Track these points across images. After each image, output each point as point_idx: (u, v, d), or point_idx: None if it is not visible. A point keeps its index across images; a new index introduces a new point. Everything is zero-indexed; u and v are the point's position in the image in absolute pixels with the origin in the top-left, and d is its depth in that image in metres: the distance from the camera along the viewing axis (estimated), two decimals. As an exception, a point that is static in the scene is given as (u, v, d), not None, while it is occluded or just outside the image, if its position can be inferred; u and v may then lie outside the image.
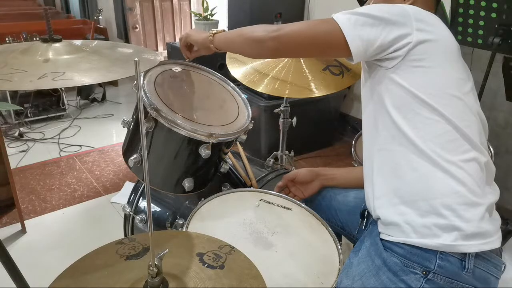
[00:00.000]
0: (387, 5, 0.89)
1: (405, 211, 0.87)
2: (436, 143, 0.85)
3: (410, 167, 0.87)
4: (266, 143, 2.73)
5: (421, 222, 0.85)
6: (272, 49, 0.96)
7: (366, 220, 1.11)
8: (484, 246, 0.83)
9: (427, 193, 0.85)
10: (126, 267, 0.74)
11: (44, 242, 1.99)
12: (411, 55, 0.86)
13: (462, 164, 0.85)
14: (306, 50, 0.97)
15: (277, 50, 0.97)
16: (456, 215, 0.83)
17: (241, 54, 1.08)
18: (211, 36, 1.11)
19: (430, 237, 0.83)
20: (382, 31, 0.86)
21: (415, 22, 0.86)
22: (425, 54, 0.86)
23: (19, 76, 0.82)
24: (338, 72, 1.54)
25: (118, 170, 2.68)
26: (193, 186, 1.18)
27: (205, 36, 1.12)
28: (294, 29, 0.94)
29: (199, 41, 1.16)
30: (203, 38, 1.14)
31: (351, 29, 0.87)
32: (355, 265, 0.92)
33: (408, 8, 0.88)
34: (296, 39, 0.94)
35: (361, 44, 0.87)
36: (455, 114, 0.86)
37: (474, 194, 0.84)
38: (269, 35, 0.94)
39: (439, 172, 0.85)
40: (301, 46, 0.95)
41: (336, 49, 0.92)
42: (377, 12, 0.87)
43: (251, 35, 0.98)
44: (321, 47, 0.94)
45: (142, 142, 0.62)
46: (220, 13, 3.39)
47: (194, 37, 1.18)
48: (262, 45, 0.96)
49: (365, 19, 0.87)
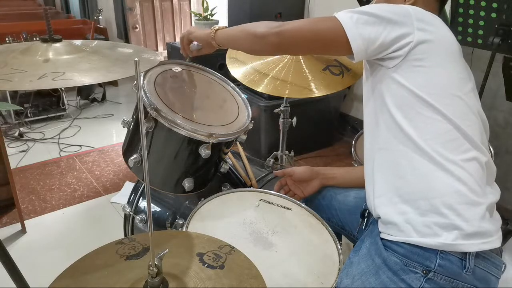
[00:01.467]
0: (389, 5, 0.89)
1: (405, 210, 0.87)
2: (437, 142, 0.86)
3: (411, 166, 0.87)
4: (266, 143, 2.74)
5: (421, 221, 0.85)
6: (274, 45, 0.96)
7: (366, 220, 1.11)
8: (485, 246, 0.83)
9: (427, 192, 0.85)
10: (126, 267, 0.74)
11: (44, 242, 1.99)
12: (412, 55, 0.86)
13: (463, 164, 0.85)
14: (308, 46, 0.98)
15: (278, 46, 0.97)
16: (457, 214, 0.83)
17: (243, 50, 1.09)
18: (213, 32, 1.12)
19: (430, 236, 0.83)
20: (383, 30, 0.86)
21: (416, 22, 0.86)
22: (426, 54, 0.86)
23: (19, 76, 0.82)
24: (338, 72, 1.54)
25: (118, 170, 2.68)
26: (193, 186, 1.18)
27: (207, 33, 1.13)
28: (296, 25, 0.94)
29: (202, 38, 1.16)
30: (205, 35, 1.14)
31: (352, 27, 0.87)
32: (355, 264, 0.92)
33: (409, 8, 0.88)
34: (298, 35, 0.94)
35: (362, 43, 0.87)
36: (456, 113, 0.86)
37: (474, 194, 0.84)
38: (271, 30, 0.95)
39: (440, 171, 0.85)
40: (302, 42, 0.95)
41: (337, 47, 0.93)
42: (378, 11, 0.87)
43: (253, 31, 0.99)
44: (323, 44, 0.94)
45: (142, 142, 0.62)
46: (220, 13, 3.39)
47: (196, 34, 1.19)
48: (264, 41, 0.96)
49: (367, 18, 0.87)
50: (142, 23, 4.38)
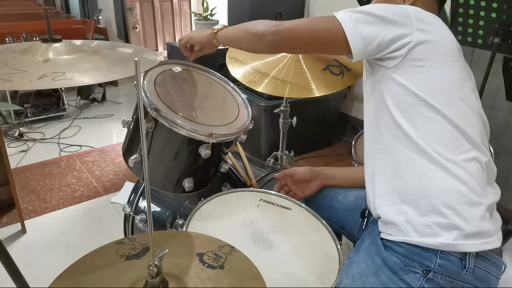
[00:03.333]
0: (388, 5, 0.90)
1: (405, 210, 0.87)
2: (437, 142, 0.86)
3: (411, 166, 0.87)
4: (266, 143, 2.73)
5: (421, 221, 0.85)
6: (273, 43, 0.96)
7: (366, 219, 1.11)
8: (485, 246, 0.83)
9: (427, 192, 0.85)
10: (126, 267, 0.74)
11: (44, 242, 1.98)
12: (411, 55, 0.86)
13: (463, 163, 0.85)
14: (306, 45, 0.98)
15: (277, 44, 0.97)
16: (457, 213, 0.83)
17: (243, 49, 1.09)
18: (214, 32, 1.12)
19: (430, 236, 0.83)
20: (382, 30, 0.86)
21: (415, 22, 0.86)
22: (425, 54, 0.86)
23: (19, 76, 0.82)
24: (338, 72, 1.54)
25: (118, 170, 2.68)
26: (193, 186, 1.18)
27: (208, 33, 1.14)
28: (294, 24, 0.94)
29: (203, 40, 1.17)
30: (205, 36, 1.15)
31: (351, 26, 0.87)
32: (355, 264, 0.92)
33: (409, 8, 0.88)
34: (297, 34, 0.94)
35: (361, 42, 0.87)
36: (456, 114, 0.86)
37: (475, 193, 0.84)
38: (270, 29, 0.95)
39: (440, 171, 0.85)
40: (301, 41, 0.95)
41: (336, 46, 0.93)
42: (378, 11, 0.87)
43: (253, 30, 0.99)
44: (321, 43, 0.95)
45: (142, 142, 0.62)
46: (220, 13, 3.38)
47: (196, 38, 1.19)
48: (263, 39, 0.97)
49: (366, 17, 0.87)
50: (142, 23, 4.38)
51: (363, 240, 0.98)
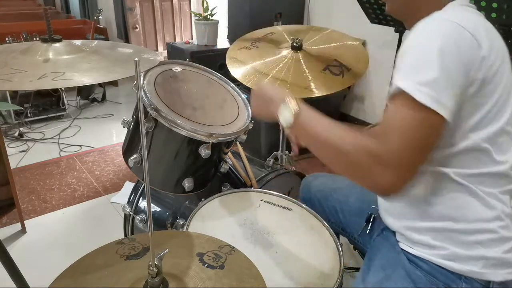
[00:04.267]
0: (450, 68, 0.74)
1: (435, 237, 0.86)
2: (478, 181, 0.82)
3: (441, 190, 0.84)
4: (266, 143, 2.73)
5: (450, 250, 0.84)
6: (390, 185, 0.73)
7: (371, 224, 1.10)
8: (509, 276, 0.83)
9: (459, 220, 0.83)
10: (126, 267, 0.74)
11: (44, 242, 1.98)
12: (477, 93, 0.78)
13: (500, 196, 0.83)
14: (423, 153, 0.77)
15: (395, 186, 0.74)
16: (486, 247, 0.82)
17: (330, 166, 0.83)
18: (297, 108, 0.91)
19: (457, 262, 0.83)
20: (457, 92, 0.75)
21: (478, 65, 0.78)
22: (490, 91, 0.79)
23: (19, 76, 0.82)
24: (338, 72, 1.54)
25: (118, 170, 2.68)
26: (193, 186, 1.18)
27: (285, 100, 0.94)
28: (403, 142, 0.72)
29: (276, 100, 0.96)
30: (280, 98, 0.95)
31: (445, 107, 0.73)
32: (372, 271, 0.93)
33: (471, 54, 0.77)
34: (412, 152, 0.73)
35: (454, 111, 0.75)
36: (501, 152, 0.82)
37: (506, 229, 0.83)
38: (373, 159, 0.72)
39: (476, 201, 0.82)
40: (419, 158, 0.76)
41: (441, 131, 0.77)
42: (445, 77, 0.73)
43: (345, 156, 0.76)
44: (432, 143, 0.77)
45: (142, 142, 0.62)
46: (220, 13, 3.38)
47: (271, 93, 0.98)
48: (371, 178, 0.74)
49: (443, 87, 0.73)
50: (142, 23, 4.38)
51: (378, 248, 0.98)
